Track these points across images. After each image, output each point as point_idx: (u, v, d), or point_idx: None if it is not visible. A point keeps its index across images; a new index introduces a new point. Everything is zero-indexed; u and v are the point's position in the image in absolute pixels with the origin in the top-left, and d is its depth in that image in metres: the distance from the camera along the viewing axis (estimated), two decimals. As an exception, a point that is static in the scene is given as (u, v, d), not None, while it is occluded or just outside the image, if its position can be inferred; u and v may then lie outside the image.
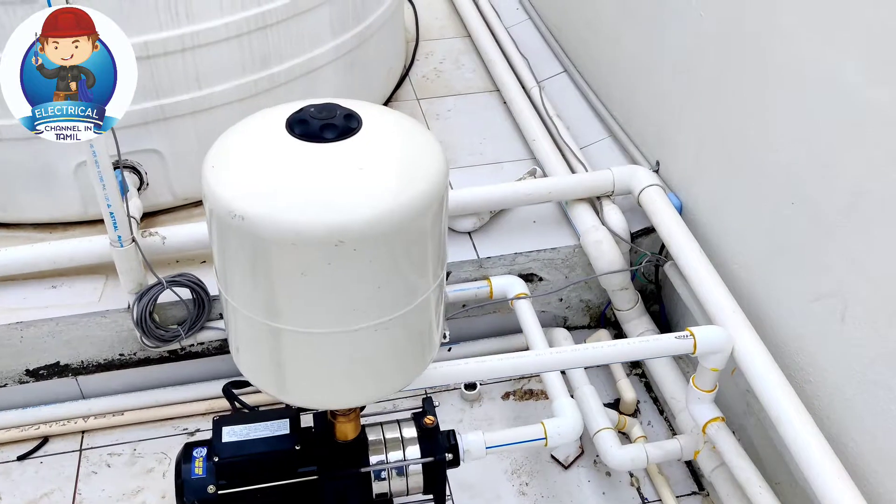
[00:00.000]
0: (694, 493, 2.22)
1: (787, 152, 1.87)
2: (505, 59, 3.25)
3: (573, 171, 2.59)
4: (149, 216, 2.45)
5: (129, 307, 2.16)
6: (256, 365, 1.47)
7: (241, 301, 1.37)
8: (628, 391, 2.35)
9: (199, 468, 1.65)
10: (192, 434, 2.32)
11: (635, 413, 2.38)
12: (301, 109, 1.32)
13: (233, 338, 1.48)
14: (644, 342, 1.82)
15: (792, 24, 1.81)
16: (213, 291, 2.18)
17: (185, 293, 2.18)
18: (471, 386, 2.42)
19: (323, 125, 1.28)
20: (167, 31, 2.19)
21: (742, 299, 2.04)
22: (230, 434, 1.68)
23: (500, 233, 2.47)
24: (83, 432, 2.32)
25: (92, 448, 2.29)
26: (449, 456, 1.72)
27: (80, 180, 2.31)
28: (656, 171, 2.45)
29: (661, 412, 2.40)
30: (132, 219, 2.07)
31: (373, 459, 1.67)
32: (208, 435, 1.68)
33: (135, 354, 2.33)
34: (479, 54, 3.39)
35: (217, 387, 2.35)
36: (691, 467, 2.27)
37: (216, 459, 1.62)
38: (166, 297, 2.16)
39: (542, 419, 2.01)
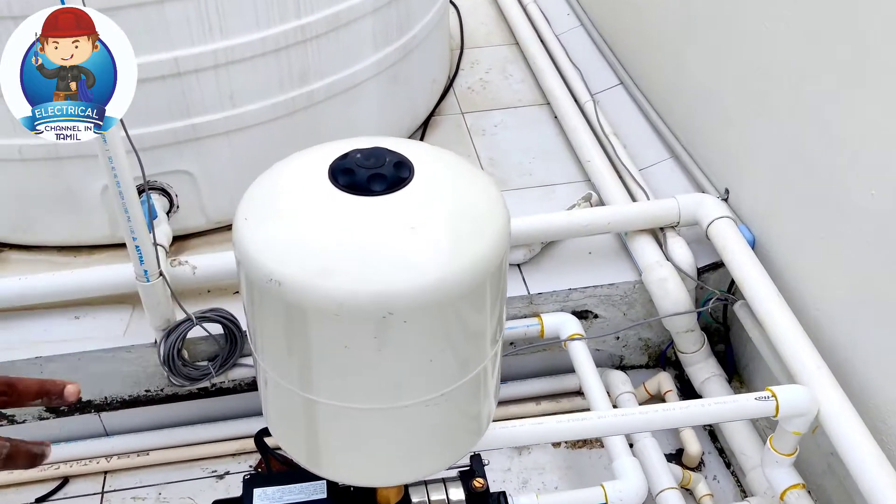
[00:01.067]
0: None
1: (881, 195, 1.67)
2: (556, 69, 3.05)
3: (633, 197, 2.40)
4: (179, 239, 2.31)
5: (156, 343, 2.02)
6: (289, 434, 1.31)
7: (274, 366, 1.21)
8: (693, 443, 2.15)
9: (227, 534, 1.52)
10: (221, 477, 2.16)
11: (699, 466, 2.18)
12: (346, 155, 1.15)
13: (264, 401, 1.32)
14: (720, 404, 1.63)
15: (890, 53, 1.61)
16: (245, 327, 2.03)
17: (216, 328, 2.04)
18: (519, 429, 2.25)
19: (371, 175, 1.12)
20: (199, 46, 2.04)
21: (824, 350, 1.84)
22: (262, 497, 1.55)
23: (552, 265, 2.28)
24: (105, 473, 2.18)
25: (114, 490, 2.14)
26: (499, 524, 1.58)
27: (108, 203, 2.16)
28: (725, 200, 2.25)
29: (728, 465, 2.20)
30: (160, 248, 1.93)
31: (416, 525, 1.52)
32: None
33: (162, 390, 2.18)
34: (528, 63, 3.20)
35: (249, 425, 2.20)
36: (762, 531, 2.07)
37: (246, 528, 1.49)
38: (196, 331, 2.02)
39: (597, 470, 1.84)
